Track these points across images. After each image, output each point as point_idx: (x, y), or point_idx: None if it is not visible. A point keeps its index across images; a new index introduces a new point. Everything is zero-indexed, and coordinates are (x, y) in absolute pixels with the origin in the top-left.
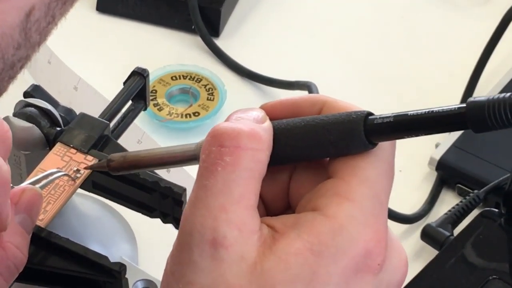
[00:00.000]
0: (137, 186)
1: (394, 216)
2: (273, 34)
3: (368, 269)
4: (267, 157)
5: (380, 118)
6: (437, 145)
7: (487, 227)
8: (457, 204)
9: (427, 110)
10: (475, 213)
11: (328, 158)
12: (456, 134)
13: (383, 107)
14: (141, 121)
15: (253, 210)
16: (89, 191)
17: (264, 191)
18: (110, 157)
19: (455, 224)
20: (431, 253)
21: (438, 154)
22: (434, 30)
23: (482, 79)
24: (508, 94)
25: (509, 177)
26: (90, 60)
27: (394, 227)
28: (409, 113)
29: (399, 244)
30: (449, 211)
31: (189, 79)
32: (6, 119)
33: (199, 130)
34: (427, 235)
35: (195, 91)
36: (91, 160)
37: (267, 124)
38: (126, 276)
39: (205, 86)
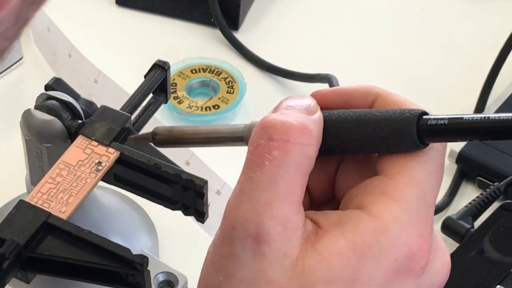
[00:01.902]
0: (158, 178)
1: None
2: (293, 27)
3: (411, 272)
4: (316, 152)
5: (434, 119)
6: None
7: (508, 219)
8: (477, 197)
9: (483, 116)
10: (495, 205)
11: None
12: None
13: None
14: (161, 114)
15: (298, 205)
16: (110, 183)
17: (310, 181)
18: (156, 129)
19: (475, 216)
20: (452, 245)
21: (458, 146)
22: (454, 23)
23: (501, 73)
24: None
25: None
26: (110, 53)
27: None
28: (465, 117)
29: (443, 246)
30: (470, 203)
31: (209, 72)
32: (28, 112)
33: (219, 123)
34: (448, 228)
35: (215, 84)
36: (112, 153)
37: (318, 115)
38: (148, 268)
39: (225, 79)
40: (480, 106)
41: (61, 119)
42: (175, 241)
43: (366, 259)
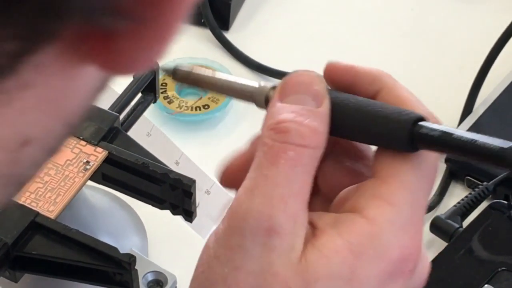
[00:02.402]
0: (146, 178)
1: None
2: (283, 28)
3: (402, 274)
4: (322, 154)
5: (427, 128)
6: None
7: (496, 219)
8: (466, 196)
9: (472, 138)
10: (484, 205)
11: (366, 153)
12: (464, 127)
13: None
14: (151, 113)
15: (306, 205)
16: (98, 183)
17: None
18: (176, 68)
19: (464, 216)
20: (441, 245)
21: None
22: (444, 22)
23: (490, 74)
24: None
25: None
26: None
27: None
28: (455, 134)
29: (424, 251)
30: (458, 203)
31: None
32: None
33: (209, 122)
34: (436, 227)
35: None
36: (100, 152)
37: (325, 107)
38: (136, 267)
39: None
40: (468, 107)
41: None
42: (165, 241)
43: (362, 260)
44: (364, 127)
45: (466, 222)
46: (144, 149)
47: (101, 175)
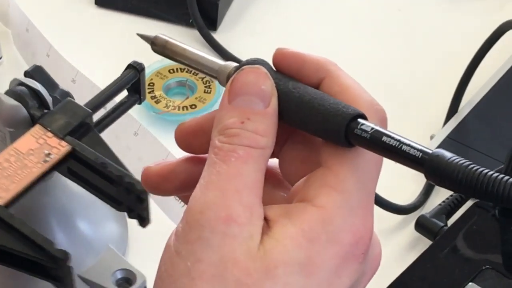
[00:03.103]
0: (105, 178)
1: (389, 206)
2: (271, 28)
3: (355, 257)
4: (271, 151)
5: (360, 129)
6: (431, 137)
7: (481, 217)
8: (451, 195)
9: (398, 142)
10: (469, 204)
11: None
12: (450, 126)
13: (379, 100)
14: (138, 113)
15: (261, 200)
16: (64, 175)
17: None
18: (155, 38)
19: (449, 215)
20: (426, 243)
21: (432, 145)
22: (431, 23)
23: (477, 73)
24: (465, 162)
25: (502, 168)
26: (88, 53)
27: (390, 217)
28: (384, 138)
29: (375, 238)
30: (443, 202)
31: (186, 72)
32: None
33: None
34: (421, 226)
35: (192, 84)
36: (64, 146)
37: (273, 106)
38: (108, 263)
39: (202, 79)
40: (454, 107)
41: (27, 106)
42: (146, 231)
43: (316, 245)
44: (306, 123)
45: (451, 221)
46: (109, 150)
47: (67, 169)
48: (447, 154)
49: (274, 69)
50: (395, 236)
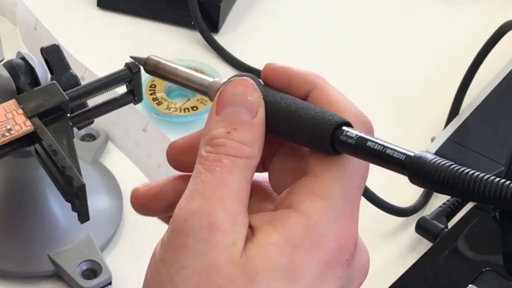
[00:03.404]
0: (56, 166)
1: (390, 209)
2: (272, 30)
3: (339, 263)
4: (258, 161)
5: (345, 135)
6: (432, 139)
7: (481, 219)
8: (451, 197)
9: (382, 147)
10: (470, 206)
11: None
12: (451, 128)
13: (381, 102)
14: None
15: (246, 208)
16: (20, 157)
17: None
18: (147, 59)
19: (449, 216)
20: (426, 245)
21: (433, 147)
22: (432, 25)
23: (478, 75)
24: (447, 162)
25: (503, 171)
26: (90, 55)
27: (391, 219)
28: (368, 143)
29: (363, 244)
30: (444, 204)
31: None
32: None
33: (197, 124)
34: (422, 228)
35: None
36: (27, 126)
37: (260, 116)
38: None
39: None
40: (455, 109)
41: (18, 79)
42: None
43: (299, 251)
44: (293, 132)
45: (452, 223)
46: (71, 141)
47: (34, 149)
48: (429, 156)
49: (263, 83)
50: (395, 238)
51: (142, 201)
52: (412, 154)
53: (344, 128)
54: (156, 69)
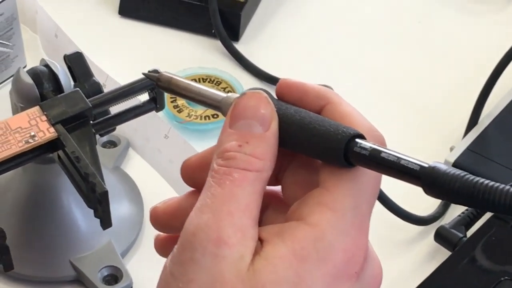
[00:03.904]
0: (79, 172)
1: (409, 217)
2: (292, 39)
3: (347, 277)
4: (269, 174)
5: (359, 147)
6: (451, 149)
7: (500, 229)
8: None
9: (396, 158)
10: (488, 215)
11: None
12: (470, 138)
13: (400, 111)
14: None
15: (255, 222)
16: (43, 163)
17: None
18: (160, 75)
19: (468, 226)
20: (445, 254)
21: (452, 157)
22: (451, 35)
23: (497, 85)
24: (462, 173)
25: None
26: (111, 63)
27: (409, 228)
28: (382, 154)
29: (375, 256)
30: (463, 213)
31: (208, 81)
32: (18, 70)
33: (217, 132)
34: (441, 237)
35: None
36: (51, 133)
37: (273, 129)
38: (96, 259)
39: (224, 89)
40: (474, 119)
41: (41, 86)
42: None
43: (307, 263)
44: (307, 145)
45: (470, 232)
46: (93, 147)
47: (58, 156)
48: (443, 167)
49: (276, 98)
50: (414, 246)
51: (161, 219)
52: (426, 165)
53: (358, 140)
54: (169, 85)
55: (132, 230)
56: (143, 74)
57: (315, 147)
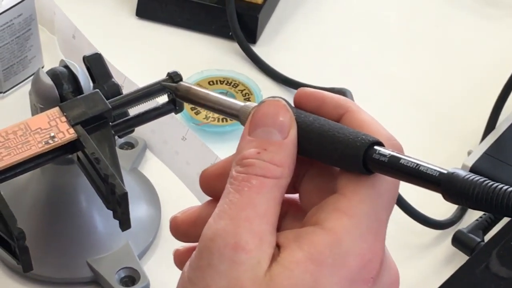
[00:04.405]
0: (98, 174)
1: (427, 221)
2: (310, 41)
3: (363, 281)
4: (288, 181)
5: (378, 153)
6: (469, 153)
7: None
8: None
9: (415, 165)
10: (506, 220)
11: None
12: (488, 142)
13: (417, 115)
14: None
15: (273, 228)
16: (61, 164)
17: None
18: (178, 85)
19: (486, 230)
20: (462, 258)
21: (470, 161)
22: (469, 39)
23: None
24: (481, 178)
25: None
26: (128, 64)
27: (427, 232)
28: (401, 160)
29: (392, 262)
30: (480, 217)
31: (226, 84)
32: (38, 71)
33: (235, 134)
34: (458, 241)
35: (231, 96)
36: (71, 134)
37: (290, 138)
38: (114, 260)
39: (242, 91)
40: (491, 123)
41: (61, 87)
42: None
43: (323, 268)
44: (325, 152)
45: (488, 236)
46: (113, 148)
47: (77, 157)
48: (462, 173)
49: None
50: (431, 250)
51: (182, 228)
52: (445, 171)
53: (376, 147)
54: (188, 95)
55: (149, 231)
56: (161, 84)
57: (334, 154)
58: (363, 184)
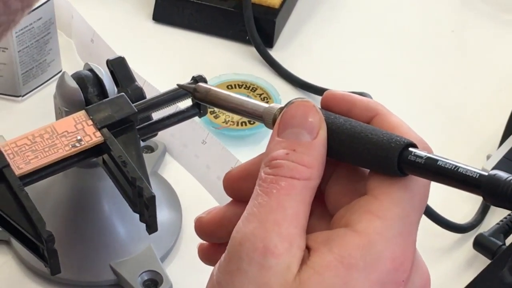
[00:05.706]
0: (125, 177)
1: (448, 225)
2: (327, 45)
3: (395, 285)
4: (318, 183)
5: (414, 155)
6: (488, 157)
7: None
8: (509, 215)
9: (454, 167)
10: None
11: (366, 173)
12: (507, 146)
13: (435, 120)
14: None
15: (303, 231)
16: (84, 167)
17: None
18: (197, 86)
19: (507, 233)
20: (484, 262)
21: (489, 165)
22: (485, 44)
23: None
24: None
25: None
26: (145, 68)
27: (447, 235)
28: (439, 162)
29: (423, 265)
30: (501, 221)
31: (244, 88)
32: (63, 75)
33: (254, 138)
34: (479, 244)
35: None
36: (97, 137)
37: (319, 139)
38: (137, 264)
39: (260, 95)
40: (509, 128)
41: (86, 91)
42: None
43: (353, 271)
44: (357, 153)
45: (509, 240)
46: (139, 152)
47: (102, 160)
48: (504, 175)
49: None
50: (452, 254)
51: (207, 229)
52: (485, 173)
53: (412, 149)
54: (207, 96)
55: (171, 235)
56: (179, 86)
57: (366, 156)
58: (395, 186)
